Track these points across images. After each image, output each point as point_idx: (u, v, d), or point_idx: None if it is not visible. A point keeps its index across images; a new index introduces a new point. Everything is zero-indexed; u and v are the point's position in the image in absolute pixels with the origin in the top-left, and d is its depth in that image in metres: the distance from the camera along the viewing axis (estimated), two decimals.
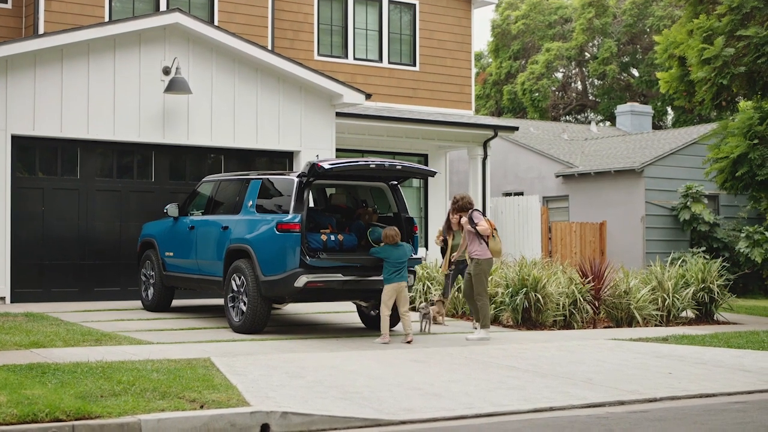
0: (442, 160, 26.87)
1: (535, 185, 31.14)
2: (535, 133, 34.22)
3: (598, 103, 49.49)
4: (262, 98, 19.75)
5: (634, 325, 16.51)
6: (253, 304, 13.50)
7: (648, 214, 27.96)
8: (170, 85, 18.38)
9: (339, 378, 10.26)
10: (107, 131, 18.17)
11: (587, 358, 12.38)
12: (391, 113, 24.41)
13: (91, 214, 18.19)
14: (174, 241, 15.92)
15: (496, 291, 16.20)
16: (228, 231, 14.32)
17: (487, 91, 50.06)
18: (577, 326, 16.04)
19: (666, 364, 11.98)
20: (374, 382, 10.13)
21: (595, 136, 35.57)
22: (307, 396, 9.15)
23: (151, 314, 16.06)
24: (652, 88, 45.53)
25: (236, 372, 10.21)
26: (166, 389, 8.84)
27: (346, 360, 11.60)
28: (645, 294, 16.70)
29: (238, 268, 13.80)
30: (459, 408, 8.99)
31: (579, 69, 50.58)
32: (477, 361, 11.85)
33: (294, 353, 12.00)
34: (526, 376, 10.86)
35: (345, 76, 23.61)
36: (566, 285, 16.19)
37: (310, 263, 13.20)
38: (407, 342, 13.30)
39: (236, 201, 14.66)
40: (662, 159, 28.19)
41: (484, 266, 14.09)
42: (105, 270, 18.24)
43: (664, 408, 9.43)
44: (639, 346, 13.59)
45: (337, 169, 13.23)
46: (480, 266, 14.05)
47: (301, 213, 13.32)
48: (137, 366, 10.20)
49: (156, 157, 18.96)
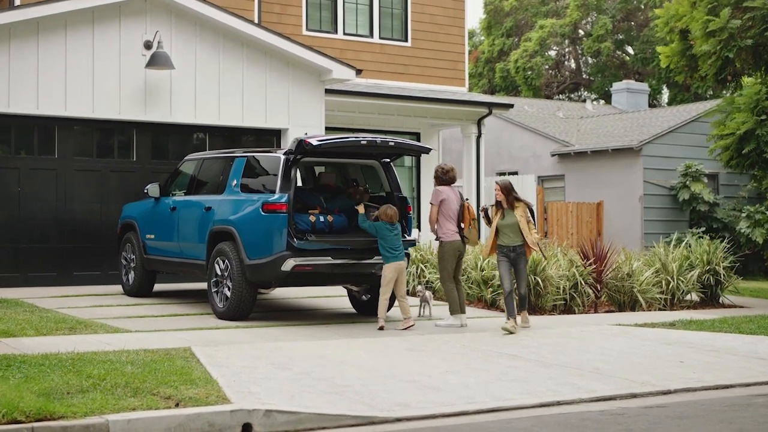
0: (435, 139, 26.10)
1: (530, 164, 30.39)
2: (530, 111, 33.45)
3: (593, 82, 48.69)
4: (249, 74, 18.94)
5: (638, 309, 15.81)
6: (238, 289, 12.74)
7: (646, 193, 27.24)
8: (152, 60, 17.56)
9: (328, 369, 9.53)
10: (86, 108, 17.35)
11: (592, 346, 11.66)
12: (382, 90, 23.61)
13: (69, 195, 17.40)
14: (155, 222, 15.15)
15: (493, 274, 15.46)
16: (211, 212, 13.55)
17: (479, 69, 49.20)
18: (579, 311, 15.33)
19: (676, 352, 11.28)
20: (366, 373, 9.40)
21: (590, 114, 34.82)
22: (293, 390, 8.41)
23: (132, 300, 15.30)
24: (647, 65, 44.80)
25: (218, 363, 9.47)
26: (140, 384, 8.09)
27: (336, 349, 10.87)
28: (649, 277, 15.99)
29: (222, 251, 13.05)
30: (459, 403, 8.27)
31: (573, 47, 49.76)
32: (475, 349, 11.13)
33: (280, 341, 11.26)
34: (528, 366, 10.14)
35: (334, 52, 22.78)
36: (567, 267, 15.47)
37: (298, 246, 12.44)
38: (408, 327, 12.56)
39: (220, 180, 13.89)
40: (661, 137, 27.45)
41: (446, 249, 13.17)
42: (85, 253, 17.45)
43: (681, 402, 8.70)
44: (646, 332, 12.88)
45: (326, 145, 12.44)
46: (442, 249, 13.22)
47: (288, 192, 12.55)
48: (111, 357, 9.46)
49: (137, 135, 18.15)
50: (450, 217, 13.07)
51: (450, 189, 13.18)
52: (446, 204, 13.05)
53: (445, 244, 13.12)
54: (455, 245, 13.10)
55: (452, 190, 13.20)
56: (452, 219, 13.09)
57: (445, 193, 13.09)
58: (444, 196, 13.06)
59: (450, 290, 13.12)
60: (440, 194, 13.08)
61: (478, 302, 15.82)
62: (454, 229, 13.09)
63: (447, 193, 13.10)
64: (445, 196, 13.06)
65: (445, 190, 13.12)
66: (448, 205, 13.05)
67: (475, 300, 15.85)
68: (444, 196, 13.06)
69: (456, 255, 13.15)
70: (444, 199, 13.04)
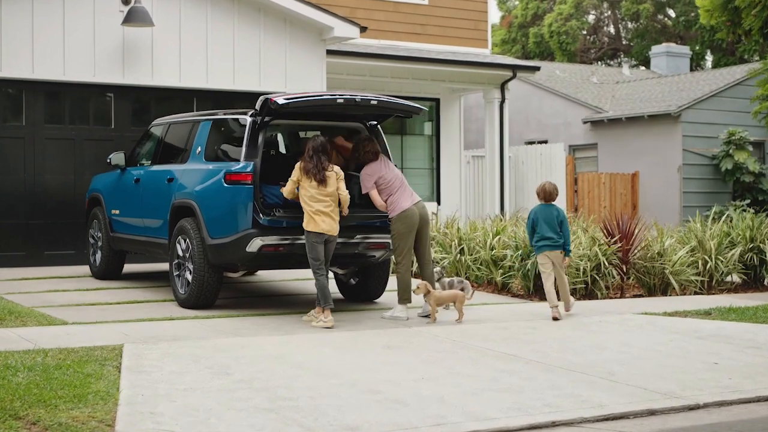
0: (456, 105, 24.21)
1: (561, 133, 28.35)
2: (561, 76, 31.34)
3: (632, 48, 46.30)
4: (241, 33, 17.13)
5: (670, 292, 13.86)
6: (199, 273, 10.97)
7: (685, 163, 25.13)
8: (129, 16, 15.79)
9: (277, 375, 7.75)
10: (56, 70, 15.65)
11: (610, 341, 9.78)
12: (397, 52, 21.74)
13: (39, 167, 15.72)
14: (120, 196, 13.43)
15: (505, 254, 13.59)
16: (173, 183, 11.79)
17: (513, 35, 46.99)
18: (601, 295, 13.41)
19: (710, 349, 9.37)
20: (322, 381, 7.60)
21: (627, 79, 32.63)
22: (216, 408, 6.63)
23: (97, 283, 13.61)
24: (690, 28, 42.39)
25: (139, 369, 7.72)
26: (12, 403, 6.35)
27: (298, 346, 9.08)
28: (683, 256, 14.02)
29: (183, 229, 11.28)
30: (424, 425, 6.45)
31: (612, 11, 47.38)
32: (468, 347, 9.29)
33: (238, 337, 9.49)
34: (526, 369, 8.29)
35: (344, 11, 20.91)
36: (588, 246, 13.56)
37: (265, 223, 10.65)
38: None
39: (185, 147, 12.11)
40: (701, 102, 25.30)
41: (395, 226, 11.01)
42: (57, 230, 15.78)
43: (713, 424, 6.81)
44: (676, 323, 10.95)
45: (295, 104, 10.55)
46: (392, 225, 11.13)
47: (255, 160, 10.74)
48: (11, 360, 7.75)
49: (116, 100, 16.42)
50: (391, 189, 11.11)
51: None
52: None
53: (393, 219, 11.06)
54: (402, 219, 10.93)
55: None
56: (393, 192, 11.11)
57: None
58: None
59: (401, 275, 11.08)
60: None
61: (487, 285, 13.98)
62: (399, 202, 11.03)
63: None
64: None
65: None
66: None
67: (484, 282, 14.01)
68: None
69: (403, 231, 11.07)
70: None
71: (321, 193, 10.32)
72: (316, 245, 10.39)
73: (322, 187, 10.33)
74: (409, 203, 10.97)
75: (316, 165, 10.35)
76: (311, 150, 10.42)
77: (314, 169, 10.32)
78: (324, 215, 10.32)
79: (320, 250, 10.41)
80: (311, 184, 10.32)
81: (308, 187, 10.34)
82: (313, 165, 10.36)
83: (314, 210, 10.29)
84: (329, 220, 10.36)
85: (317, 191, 10.31)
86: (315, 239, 10.36)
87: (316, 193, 10.30)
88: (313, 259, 10.44)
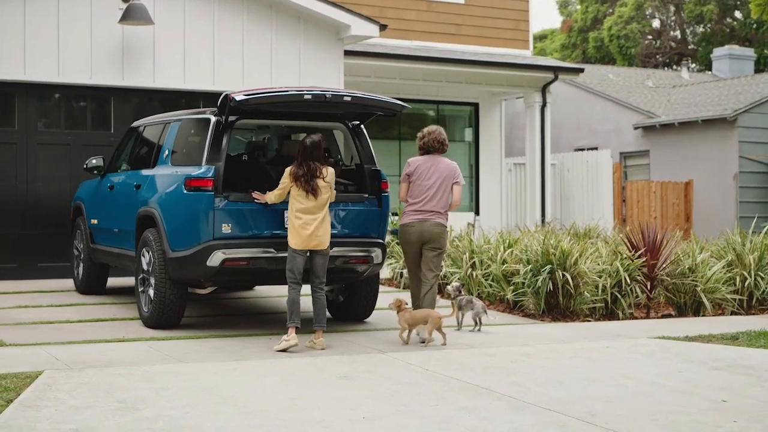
0: (497, 110, 22.98)
1: (611, 139, 26.90)
2: (615, 80, 29.86)
3: (697, 52, 44.47)
4: (251, 31, 16.15)
5: (702, 312, 12.47)
6: (161, 289, 9.91)
7: (742, 171, 23.54)
8: (126, 14, 14.87)
9: (194, 411, 6.64)
10: (50, 72, 14.80)
11: (608, 372, 8.49)
12: (430, 53, 20.59)
13: (33, 174, 14.86)
14: (98, 205, 12.48)
15: (516, 269, 12.32)
16: (140, 191, 10.78)
17: (573, 39, 45.45)
18: (623, 315, 12.07)
19: (723, 383, 8.03)
20: (240, 420, 6.47)
21: (685, 83, 30.99)
22: None
23: (76, 298, 12.67)
24: (758, 31, 40.50)
25: (34, 403, 6.67)
26: None
27: (240, 376, 7.96)
28: (718, 272, 12.62)
29: (146, 241, 10.25)
30: None
31: (677, 14, 45.58)
32: (438, 377, 8.07)
33: (179, 363, 8.40)
34: (492, 407, 7.04)
35: (372, 10, 19.86)
36: (609, 260, 12.23)
37: (226, 234, 9.56)
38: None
39: (154, 151, 11.09)
40: (759, 105, 23.71)
41: (398, 236, 10.22)
42: (51, 241, 14.90)
43: None
44: (692, 350, 9.60)
45: (255, 100, 9.43)
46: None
47: (217, 164, 9.65)
48: None
49: (115, 103, 15.50)
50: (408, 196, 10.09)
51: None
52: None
53: (400, 228, 10.13)
54: (407, 231, 10.01)
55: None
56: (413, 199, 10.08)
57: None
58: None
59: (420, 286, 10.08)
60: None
61: (499, 303, 12.72)
62: (409, 211, 10.09)
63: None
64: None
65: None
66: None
67: (496, 300, 12.76)
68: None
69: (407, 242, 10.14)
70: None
71: (311, 205, 9.20)
72: (295, 257, 9.28)
73: (312, 197, 9.20)
74: (416, 218, 9.85)
75: (305, 173, 9.23)
76: (301, 152, 9.31)
77: (303, 177, 9.20)
78: (312, 228, 9.18)
79: (299, 262, 9.29)
80: (299, 193, 9.21)
81: (297, 196, 9.23)
82: (303, 172, 9.25)
83: (301, 223, 9.16)
84: (318, 234, 9.23)
85: (306, 200, 9.17)
86: (295, 252, 9.25)
87: (305, 206, 9.17)
88: (288, 271, 9.34)
